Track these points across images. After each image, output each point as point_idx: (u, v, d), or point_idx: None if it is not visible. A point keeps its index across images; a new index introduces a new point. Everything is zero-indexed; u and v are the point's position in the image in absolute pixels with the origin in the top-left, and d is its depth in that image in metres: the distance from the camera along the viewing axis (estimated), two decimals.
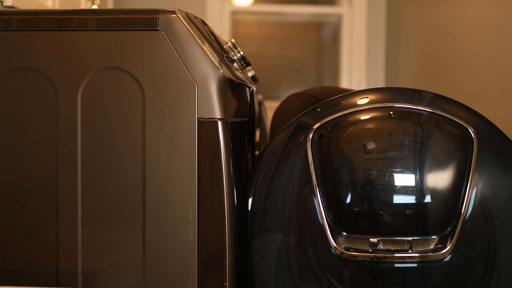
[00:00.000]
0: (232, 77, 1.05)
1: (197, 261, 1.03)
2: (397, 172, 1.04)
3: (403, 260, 1.03)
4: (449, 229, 1.03)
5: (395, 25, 3.55)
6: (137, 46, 1.02)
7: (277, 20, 4.11)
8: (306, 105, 1.81)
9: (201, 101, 1.02)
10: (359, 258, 1.04)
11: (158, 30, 1.02)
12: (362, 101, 1.11)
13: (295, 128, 1.12)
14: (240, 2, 3.85)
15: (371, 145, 1.07)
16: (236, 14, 3.91)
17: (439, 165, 1.04)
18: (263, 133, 1.99)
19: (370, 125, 1.08)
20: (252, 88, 1.40)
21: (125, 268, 1.04)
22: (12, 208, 1.05)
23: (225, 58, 1.08)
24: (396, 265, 1.03)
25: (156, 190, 1.02)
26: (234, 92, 1.09)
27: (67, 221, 1.04)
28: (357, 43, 3.71)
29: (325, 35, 4.16)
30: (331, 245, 1.04)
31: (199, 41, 1.02)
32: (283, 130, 1.15)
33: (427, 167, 1.04)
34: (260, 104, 1.98)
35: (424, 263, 1.03)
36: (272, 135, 1.95)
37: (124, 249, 1.03)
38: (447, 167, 1.04)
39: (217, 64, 1.02)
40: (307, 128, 1.10)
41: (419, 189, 1.04)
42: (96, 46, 1.03)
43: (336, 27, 3.92)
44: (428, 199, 1.03)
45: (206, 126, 1.02)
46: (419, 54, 3.15)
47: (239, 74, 1.15)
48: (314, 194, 1.06)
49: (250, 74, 1.65)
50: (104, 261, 1.04)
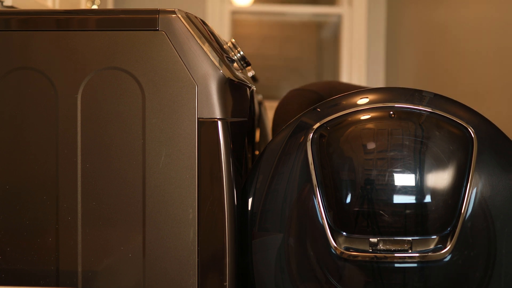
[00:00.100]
0: (232, 77, 1.05)
1: (197, 261, 1.03)
2: (397, 172, 1.04)
3: (403, 260, 1.03)
4: (449, 229, 1.03)
5: (395, 25, 3.55)
6: (137, 46, 1.02)
7: (277, 20, 4.11)
8: (309, 102, 1.81)
9: (201, 101, 1.02)
10: (359, 258, 1.04)
11: (158, 30, 1.02)
12: (362, 101, 1.11)
13: (295, 128, 1.12)
14: (240, 2, 3.85)
15: (371, 145, 1.07)
16: (236, 14, 3.91)
17: (439, 165, 1.04)
18: (263, 133, 1.99)
19: (370, 125, 1.08)
20: (252, 88, 1.40)
21: (125, 268, 1.04)
22: (12, 208, 1.05)
23: (225, 58, 1.08)
24: (396, 265, 1.03)
25: (156, 190, 1.02)
26: (234, 92, 1.09)
27: (67, 221, 1.04)
28: (357, 43, 3.71)
29: (325, 35, 4.16)
30: (331, 245, 1.04)
31: (199, 41, 1.02)
32: (283, 130, 1.15)
33: (427, 167, 1.04)
34: (260, 104, 1.98)
35: (424, 263, 1.03)
36: (274, 133, 1.94)
37: (124, 249, 1.03)
38: (447, 167, 1.04)
39: (217, 64, 1.03)
40: (307, 128, 1.10)
41: (419, 189, 1.04)
42: (96, 46, 1.03)
43: (336, 27, 3.92)
44: (428, 199, 1.03)
45: (206, 126, 1.02)
46: (419, 54, 3.15)
47: (239, 74, 1.15)
48: (314, 194, 1.06)
49: (250, 74, 1.65)
50: (104, 261, 1.04)
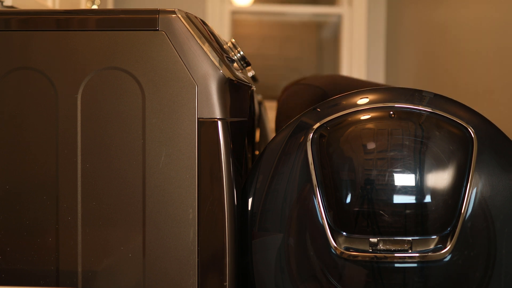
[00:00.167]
0: (232, 77, 1.05)
1: (197, 261, 1.03)
2: (397, 172, 1.04)
3: (403, 260, 1.03)
4: (449, 229, 1.03)
5: (395, 25, 3.55)
6: (137, 46, 1.02)
7: (277, 20, 4.11)
8: (313, 98, 1.80)
9: (201, 101, 1.02)
10: (359, 258, 1.04)
11: (158, 30, 1.02)
12: (362, 101, 1.11)
13: (295, 128, 1.12)
14: (240, 2, 3.85)
15: (371, 145, 1.07)
16: (236, 14, 3.91)
17: (439, 165, 1.04)
18: (263, 133, 1.99)
19: (370, 125, 1.08)
20: (252, 88, 1.40)
21: (125, 268, 1.04)
22: (12, 208, 1.05)
23: (225, 58, 1.08)
24: (396, 265, 1.03)
25: (156, 190, 1.02)
26: (234, 92, 1.09)
27: (67, 221, 1.04)
28: (357, 43, 3.71)
29: (325, 35, 4.16)
30: (331, 245, 1.04)
31: (199, 41, 1.02)
32: (283, 130, 1.15)
33: (427, 167, 1.04)
34: (260, 104, 1.98)
35: (424, 263, 1.03)
36: (278, 129, 1.94)
37: (124, 249, 1.03)
38: (447, 167, 1.04)
39: (217, 64, 1.02)
40: (307, 128, 1.10)
41: (419, 189, 1.04)
42: (96, 46, 1.03)
43: (336, 27, 3.92)
44: (428, 199, 1.03)
45: (206, 126, 1.02)
46: (419, 54, 3.15)
47: (239, 74, 1.15)
48: (314, 194, 1.06)
49: (250, 74, 1.65)
50: (104, 261, 1.04)
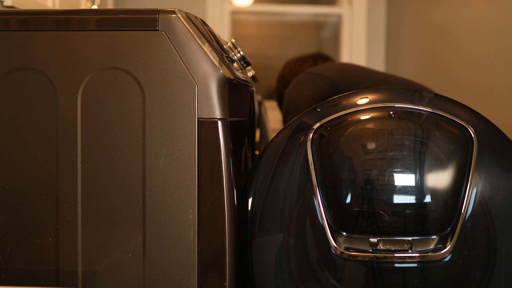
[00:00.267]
0: (232, 77, 1.05)
1: (197, 261, 1.03)
2: (397, 172, 1.04)
3: (403, 260, 1.03)
4: (449, 229, 1.03)
5: (395, 25, 3.55)
6: (137, 46, 1.02)
7: (277, 20, 4.11)
8: (324, 90, 1.78)
9: (201, 101, 1.02)
10: (359, 258, 1.04)
11: (158, 30, 1.02)
12: (362, 101, 1.11)
13: (295, 128, 1.12)
14: (240, 2, 3.85)
15: (371, 145, 1.07)
16: (236, 14, 3.91)
17: (439, 165, 1.04)
18: (263, 133, 1.99)
19: (370, 125, 1.08)
20: (252, 88, 1.40)
21: (125, 268, 1.04)
22: (12, 208, 1.05)
23: (225, 58, 1.08)
24: (396, 265, 1.03)
25: (156, 190, 1.02)
26: (234, 92, 1.09)
27: (67, 221, 1.04)
28: (357, 43, 3.71)
29: (325, 35, 4.16)
30: (331, 245, 1.04)
31: (199, 41, 1.02)
32: (283, 130, 1.15)
33: (427, 167, 1.04)
34: (260, 104, 1.98)
35: (424, 263, 1.03)
36: (286, 120, 1.90)
37: (124, 249, 1.03)
38: (447, 167, 1.04)
39: (217, 64, 1.02)
40: (307, 128, 1.10)
41: (419, 189, 1.03)
42: (96, 46, 1.03)
43: (336, 27, 3.92)
44: (428, 199, 1.03)
45: (206, 126, 1.02)
46: (419, 54, 3.15)
47: (239, 74, 1.15)
48: (314, 194, 1.06)
49: (250, 74, 1.65)
50: (104, 261, 1.04)
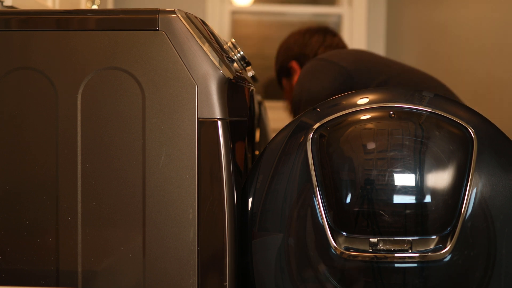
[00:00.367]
0: (232, 77, 1.05)
1: (197, 261, 1.03)
2: (397, 172, 1.04)
3: (403, 260, 1.03)
4: (449, 229, 1.03)
5: (395, 25, 3.55)
6: (137, 46, 1.02)
7: (277, 20, 4.11)
8: (340, 80, 1.73)
9: (201, 101, 1.02)
10: (359, 258, 1.04)
11: (158, 30, 1.02)
12: (362, 101, 1.11)
13: (295, 128, 1.12)
14: (240, 2, 3.85)
15: (371, 145, 1.07)
16: (236, 14, 3.91)
17: (439, 165, 1.04)
18: (263, 133, 1.99)
19: (370, 125, 1.08)
20: (252, 88, 1.40)
21: (125, 268, 1.04)
22: (12, 208, 1.05)
23: (225, 58, 1.08)
24: (396, 265, 1.03)
25: (156, 190, 1.02)
26: (234, 92, 1.09)
27: (67, 221, 1.04)
28: (357, 43, 3.71)
29: None
30: (331, 245, 1.04)
31: (199, 41, 1.02)
32: (283, 130, 1.15)
33: (427, 167, 1.04)
34: (260, 104, 1.98)
35: (424, 263, 1.03)
36: (296, 110, 1.81)
37: (124, 249, 1.03)
38: (447, 167, 1.04)
39: (217, 64, 1.02)
40: (307, 128, 1.10)
41: (419, 189, 1.03)
42: (96, 46, 1.03)
43: (336, 27, 3.92)
44: (428, 199, 1.03)
45: (206, 126, 1.02)
46: (419, 54, 3.15)
47: (239, 74, 1.15)
48: (314, 194, 1.06)
49: (250, 74, 1.65)
50: (104, 261, 1.04)
